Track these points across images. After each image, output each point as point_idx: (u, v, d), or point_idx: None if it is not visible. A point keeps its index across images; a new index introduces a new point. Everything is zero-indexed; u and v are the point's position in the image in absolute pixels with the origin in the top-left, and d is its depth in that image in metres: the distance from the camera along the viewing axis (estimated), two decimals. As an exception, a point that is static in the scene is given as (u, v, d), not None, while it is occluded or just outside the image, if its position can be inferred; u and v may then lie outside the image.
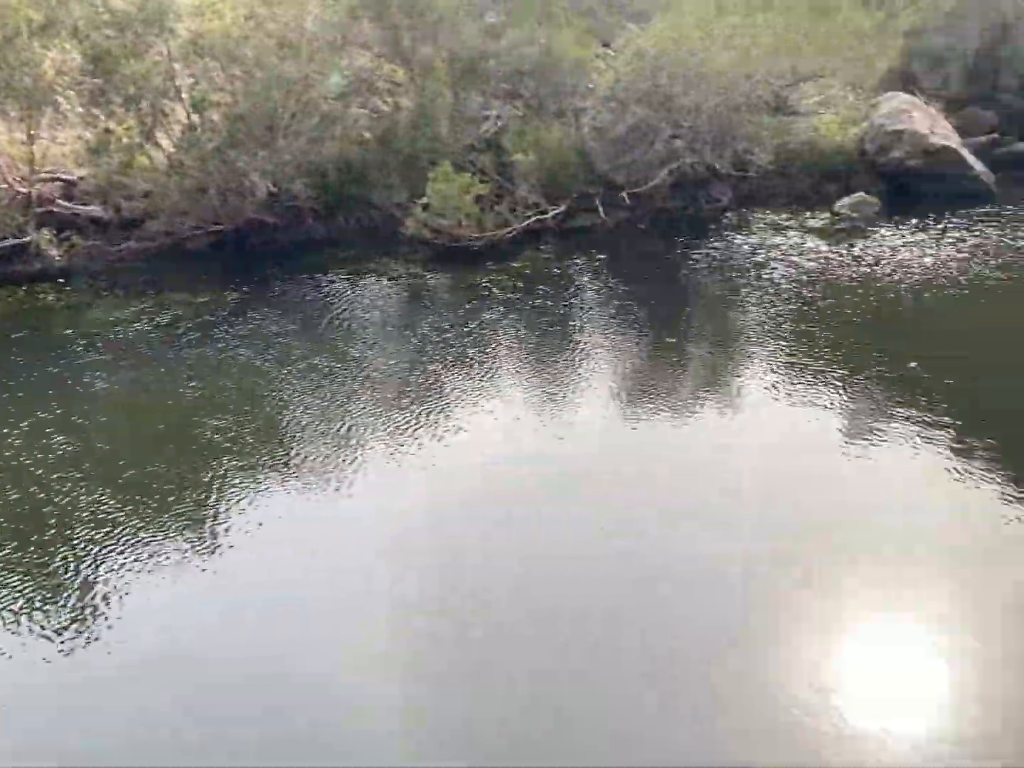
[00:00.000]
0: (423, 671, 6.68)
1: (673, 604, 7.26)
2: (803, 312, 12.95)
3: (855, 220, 16.85)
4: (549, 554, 7.91)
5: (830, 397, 10.43)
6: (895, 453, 9.24)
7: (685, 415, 10.29)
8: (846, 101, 19.69)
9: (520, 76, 19.07)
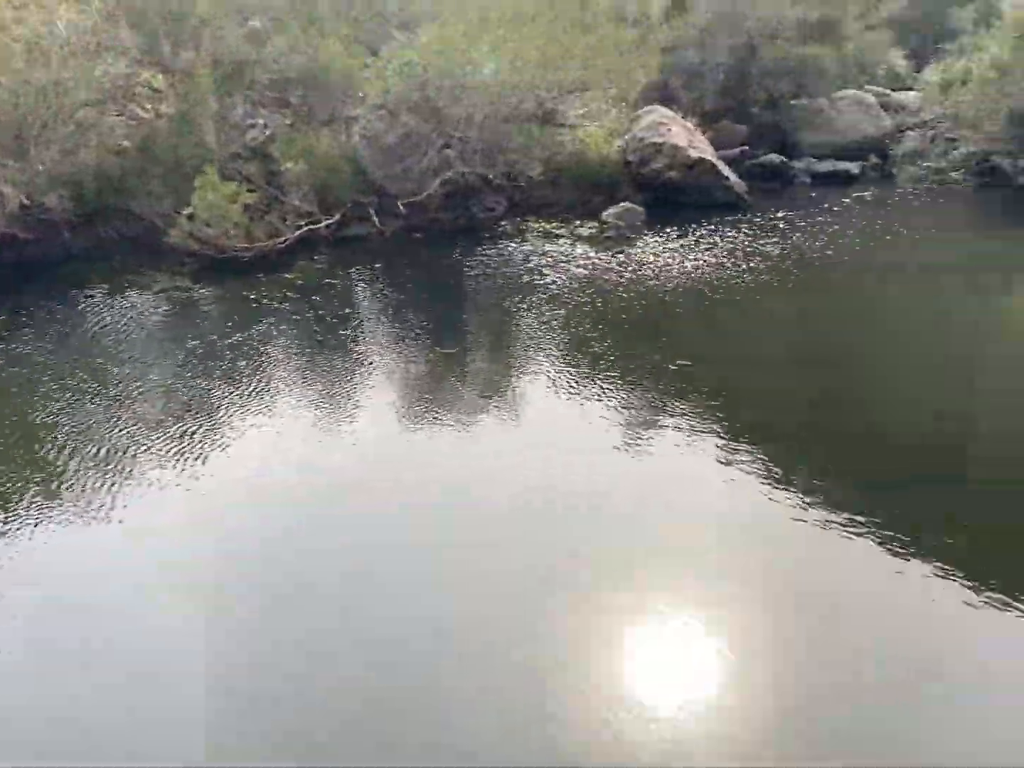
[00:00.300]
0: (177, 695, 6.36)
1: (443, 607, 7.22)
2: (576, 316, 13.28)
3: (622, 229, 17.45)
4: (314, 567, 7.71)
5: (605, 396, 10.71)
6: (669, 447, 9.59)
7: (464, 422, 10.31)
8: (609, 114, 20.41)
9: (288, 83, 18.74)
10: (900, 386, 10.98)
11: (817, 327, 12.95)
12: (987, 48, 20.91)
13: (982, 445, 9.49)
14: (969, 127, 19.98)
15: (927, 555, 7.69)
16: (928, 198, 19.49)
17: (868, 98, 22.68)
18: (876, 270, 15.33)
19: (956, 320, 13.12)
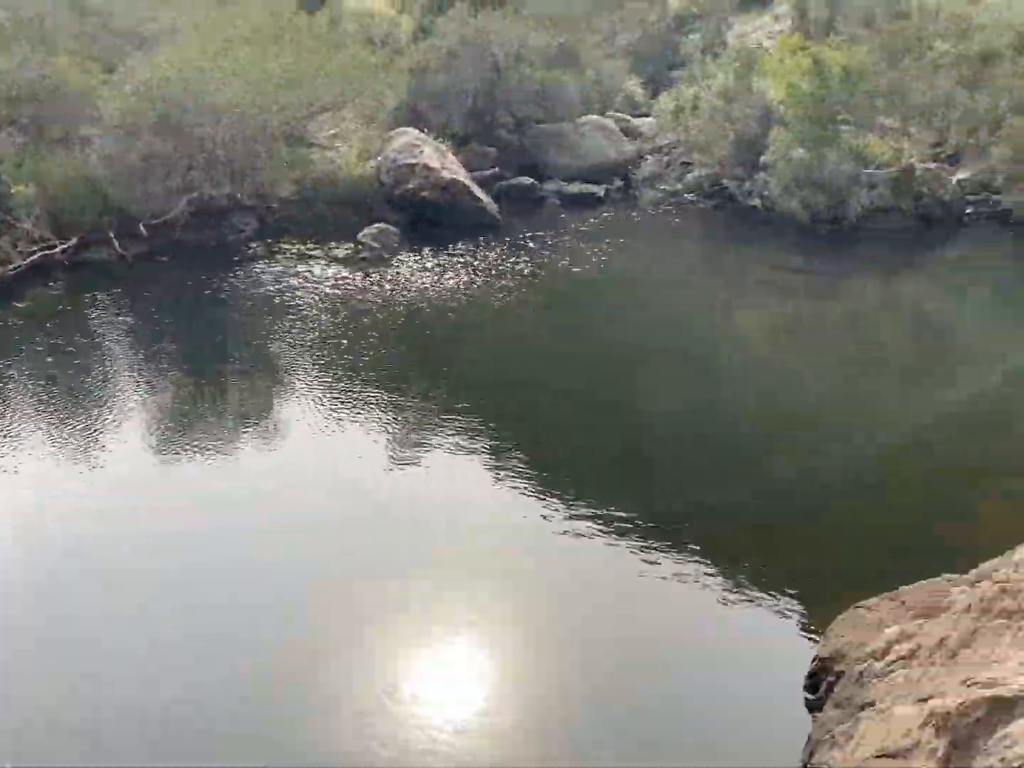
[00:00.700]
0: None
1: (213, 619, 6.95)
2: (331, 338, 13.13)
3: (377, 249, 17.39)
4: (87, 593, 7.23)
5: (367, 414, 10.64)
6: (437, 461, 9.65)
7: (217, 447, 9.97)
8: (360, 134, 20.35)
9: (17, 101, 17.59)
10: (651, 394, 11.50)
11: (568, 340, 13.37)
12: (714, 76, 22.34)
13: (722, 448, 10.08)
14: (700, 152, 21.26)
15: (680, 554, 8.09)
16: (667, 218, 20.59)
17: (609, 124, 23.72)
18: (623, 285, 16.03)
19: (698, 329, 13.91)
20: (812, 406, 11.09)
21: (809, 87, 18.74)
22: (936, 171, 19.12)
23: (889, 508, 8.64)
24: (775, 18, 29.60)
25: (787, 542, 8.34)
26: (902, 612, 6.34)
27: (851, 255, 17.26)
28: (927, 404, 10.87)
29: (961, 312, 15.03)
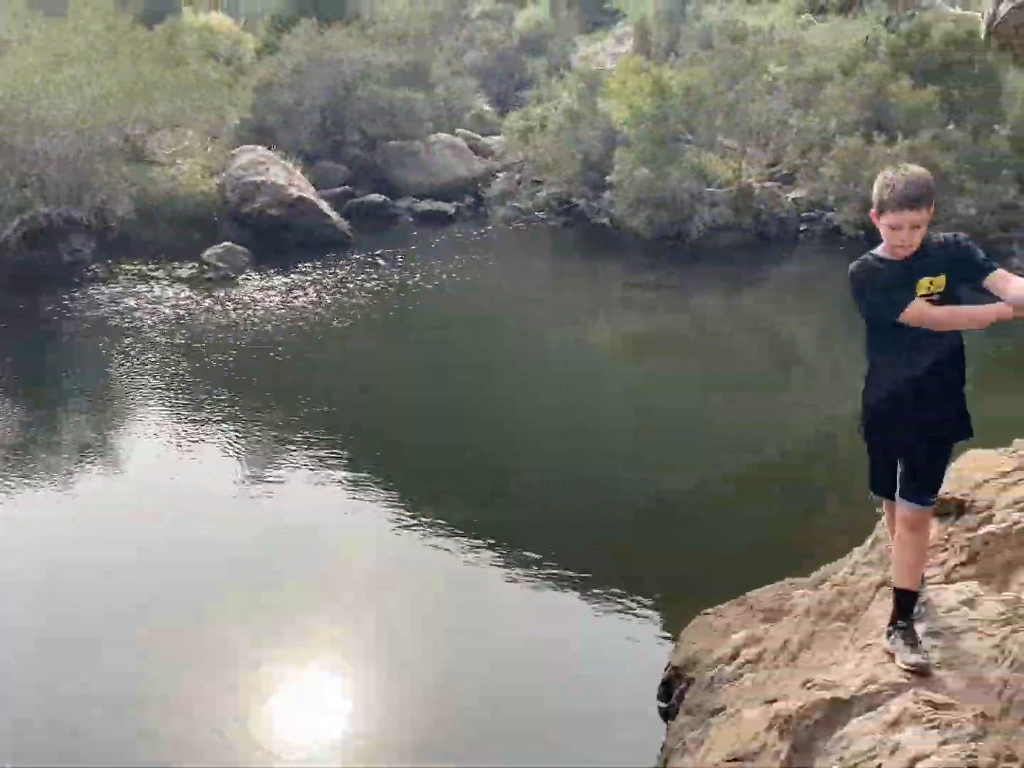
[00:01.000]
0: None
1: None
2: (171, 360, 12.71)
3: (224, 269, 16.96)
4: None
5: (209, 439, 10.32)
6: (286, 485, 9.42)
7: (45, 479, 9.48)
8: (204, 151, 19.85)
9: None
10: (504, 408, 11.55)
11: (421, 357, 13.30)
12: (560, 97, 22.74)
13: (575, 461, 10.18)
14: (549, 171, 21.56)
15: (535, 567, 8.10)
16: (518, 236, 20.80)
17: (459, 141, 23.84)
18: (475, 301, 16.09)
19: (550, 344, 14.04)
20: (663, 419, 11.32)
21: (651, 108, 19.23)
22: (773, 190, 19.91)
23: (738, 516, 8.87)
24: (618, 40, 30.38)
25: (641, 552, 8.45)
26: (750, 616, 6.49)
27: (696, 271, 17.76)
28: (771, 416, 11.24)
29: (799, 325, 15.64)
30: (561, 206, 21.50)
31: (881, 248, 3.93)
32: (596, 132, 20.69)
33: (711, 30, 25.12)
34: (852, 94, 18.59)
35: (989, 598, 4.28)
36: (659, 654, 6.81)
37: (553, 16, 33.76)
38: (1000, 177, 16.46)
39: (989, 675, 3.67)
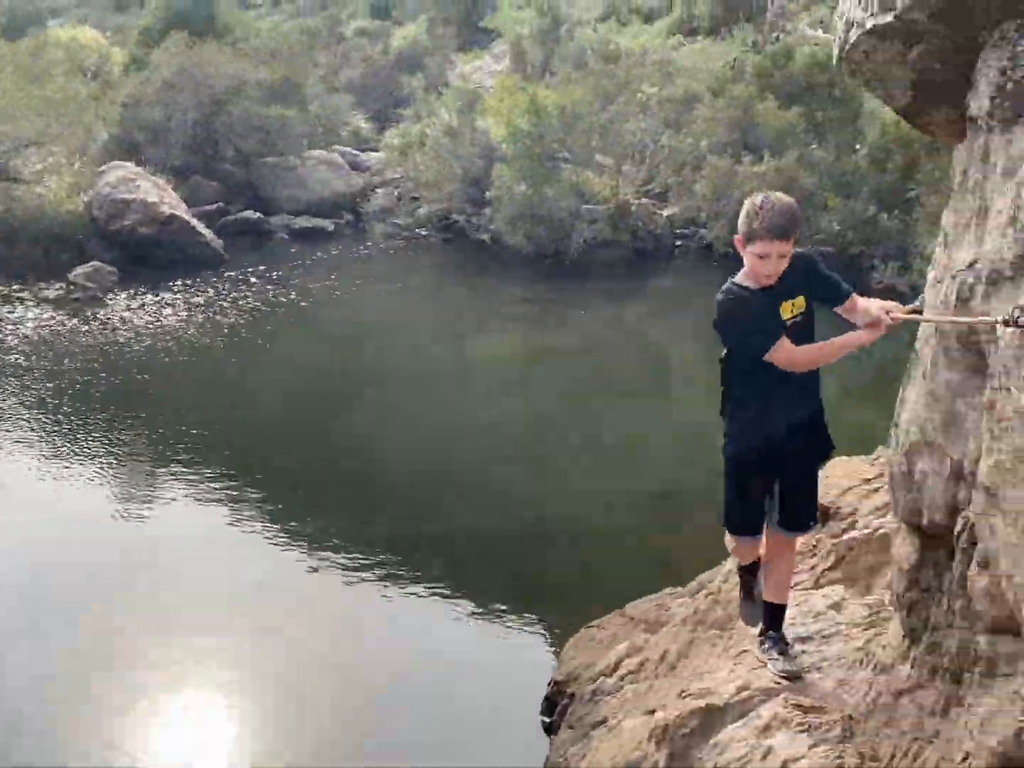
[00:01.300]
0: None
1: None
2: (43, 385, 12.23)
3: (92, 289, 16.42)
4: None
5: (89, 463, 9.97)
6: (171, 507, 9.15)
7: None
8: (71, 169, 19.19)
9: None
10: (384, 426, 11.43)
11: (296, 375, 13.10)
12: (439, 114, 22.76)
13: (456, 476, 10.15)
14: (429, 188, 21.54)
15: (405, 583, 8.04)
16: (399, 253, 20.69)
17: (337, 158, 23.62)
18: (354, 319, 15.93)
19: (430, 360, 13.99)
20: (543, 434, 11.38)
21: (528, 126, 19.42)
22: (648, 207, 20.30)
23: (620, 528, 8.96)
24: (495, 58, 30.62)
25: (524, 567, 8.47)
26: (631, 628, 6.56)
27: (575, 286, 17.96)
28: (649, 429, 11.41)
29: (676, 339, 15.95)
30: (441, 222, 21.50)
31: (744, 275, 3.80)
32: (475, 149, 20.78)
33: (585, 50, 25.52)
34: (721, 115, 19.10)
35: (854, 602, 4.41)
36: (543, 669, 6.83)
37: (430, 34, 33.84)
38: (861, 194, 17.13)
39: (855, 677, 3.78)
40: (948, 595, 3.21)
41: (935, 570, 3.39)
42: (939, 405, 3.20)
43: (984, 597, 2.91)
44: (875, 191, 16.85)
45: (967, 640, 3.04)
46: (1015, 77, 3.00)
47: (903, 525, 3.62)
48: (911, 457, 3.45)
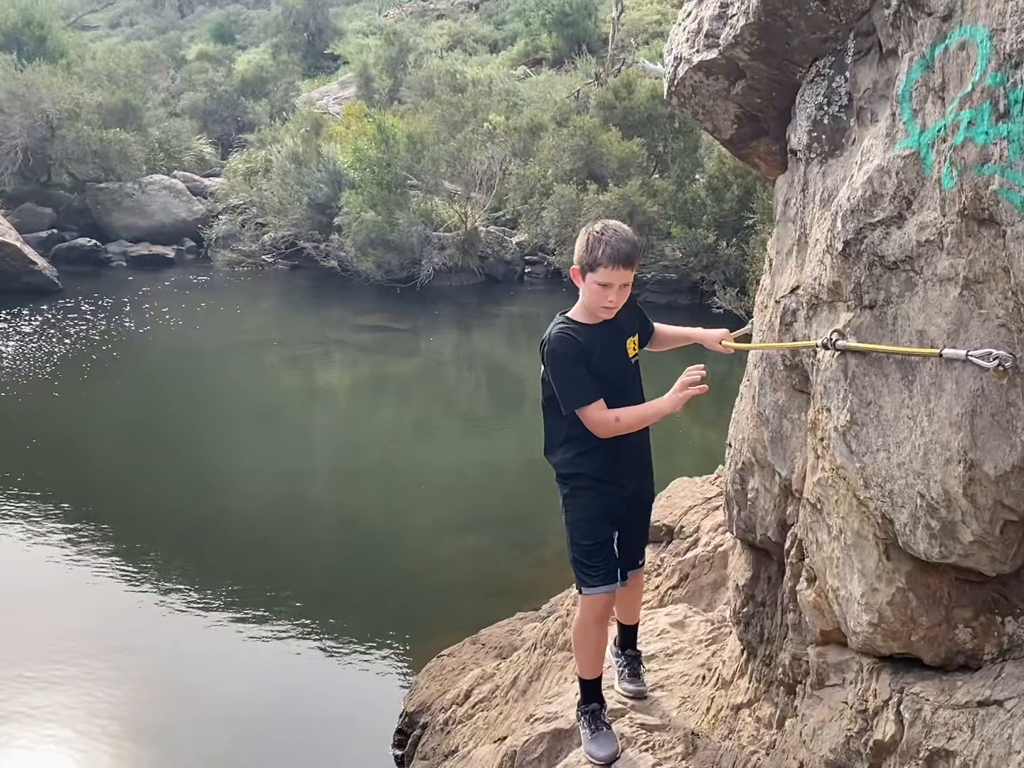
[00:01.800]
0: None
1: None
2: None
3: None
4: None
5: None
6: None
7: None
8: None
9: None
10: (220, 455, 11.13)
11: (128, 407, 12.64)
12: (284, 140, 22.47)
13: (290, 505, 9.96)
14: (275, 213, 21.21)
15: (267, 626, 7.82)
16: (244, 280, 20.28)
17: (178, 183, 23.04)
18: (194, 348, 15.49)
19: (276, 392, 13.72)
20: (392, 462, 11.29)
21: (376, 153, 19.38)
22: (497, 234, 20.52)
23: (472, 555, 8.94)
24: (341, 85, 30.47)
25: (376, 598, 8.35)
26: (483, 654, 6.55)
27: (425, 312, 17.97)
28: (498, 453, 11.48)
29: (524, 364, 16.11)
30: (288, 249, 21.20)
31: (579, 309, 3.52)
32: (322, 175, 20.58)
33: (432, 79, 25.67)
34: (566, 144, 19.49)
35: (697, 618, 4.51)
36: (395, 700, 6.74)
37: (275, 59, 33.44)
38: (701, 222, 17.73)
39: (698, 693, 3.86)
40: (781, 609, 3.32)
41: (769, 585, 3.50)
42: (767, 425, 3.32)
43: (812, 610, 3.02)
44: (715, 219, 17.45)
45: (799, 653, 3.15)
46: (831, 112, 3.16)
47: (738, 542, 3.73)
48: (743, 475, 3.57)
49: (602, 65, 24.80)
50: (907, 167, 2.67)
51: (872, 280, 2.75)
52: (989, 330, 2.50)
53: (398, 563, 8.86)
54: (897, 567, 2.71)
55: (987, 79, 2.50)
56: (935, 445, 2.57)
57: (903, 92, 2.75)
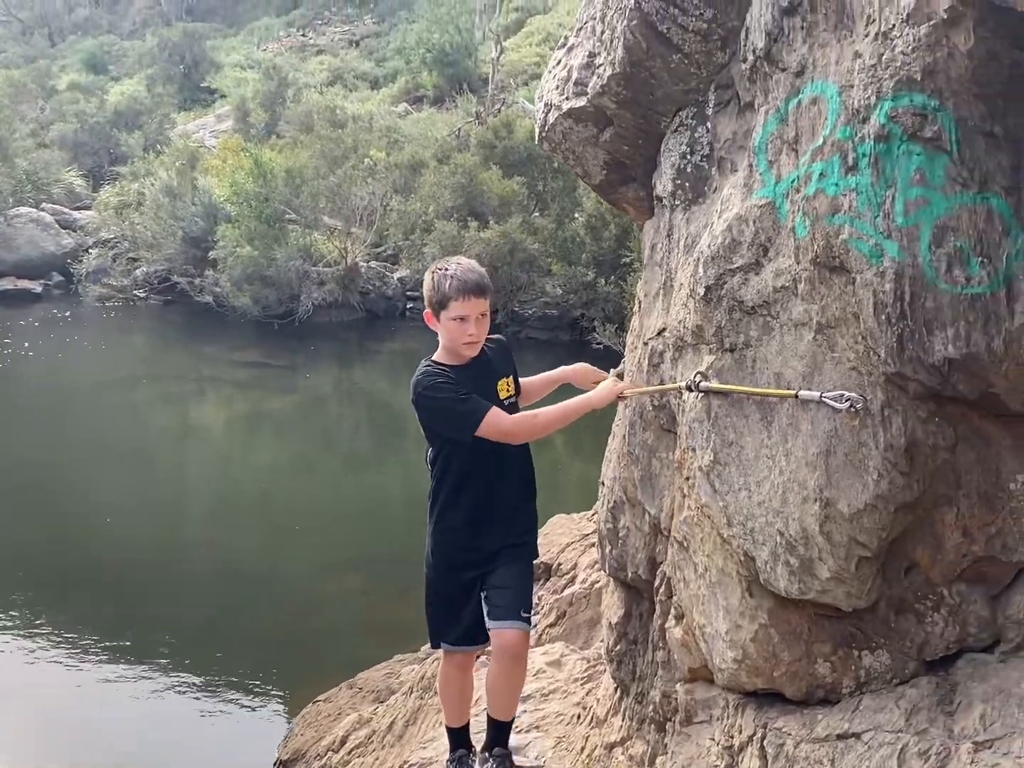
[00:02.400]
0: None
1: None
2: None
3: None
4: None
5: None
6: None
7: None
8: None
9: None
10: (87, 500, 10.75)
11: (1, 450, 12.11)
12: (158, 173, 22.00)
13: (168, 552, 9.66)
14: (148, 247, 20.71)
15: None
16: (115, 315, 19.71)
17: (46, 216, 22.31)
18: (62, 386, 14.94)
19: (146, 430, 13.33)
20: (267, 501, 11.08)
21: (253, 186, 19.14)
22: (379, 269, 20.45)
23: (351, 599, 8.81)
24: (218, 118, 30.04)
25: (250, 645, 8.15)
26: (360, 699, 6.44)
27: (303, 348, 17.75)
28: (375, 491, 11.38)
29: (404, 400, 16.03)
30: (161, 284, 20.71)
31: (442, 353, 3.35)
32: (197, 209, 20.21)
33: (312, 114, 25.51)
34: (447, 181, 19.59)
35: (574, 657, 4.54)
36: (270, 749, 6.57)
37: (149, 91, 32.77)
38: (581, 260, 18.02)
39: (573, 733, 3.87)
40: (652, 647, 3.37)
41: (641, 623, 3.54)
42: (637, 463, 3.37)
43: (680, 647, 3.07)
44: (594, 257, 17.75)
45: (669, 690, 3.19)
46: (694, 161, 3.25)
47: (611, 580, 3.77)
48: (615, 513, 3.61)
49: (483, 104, 25.07)
50: (763, 216, 2.77)
51: (732, 324, 2.84)
52: (841, 373, 2.61)
53: (275, 605, 8.66)
54: (759, 604, 2.78)
55: (837, 133, 2.61)
56: (793, 484, 2.65)
57: (759, 144, 2.86)
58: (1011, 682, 2.50)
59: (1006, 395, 2.54)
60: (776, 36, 2.83)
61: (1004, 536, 2.65)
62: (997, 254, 2.45)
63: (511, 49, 29.08)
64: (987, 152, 2.47)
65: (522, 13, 32.82)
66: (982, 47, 2.39)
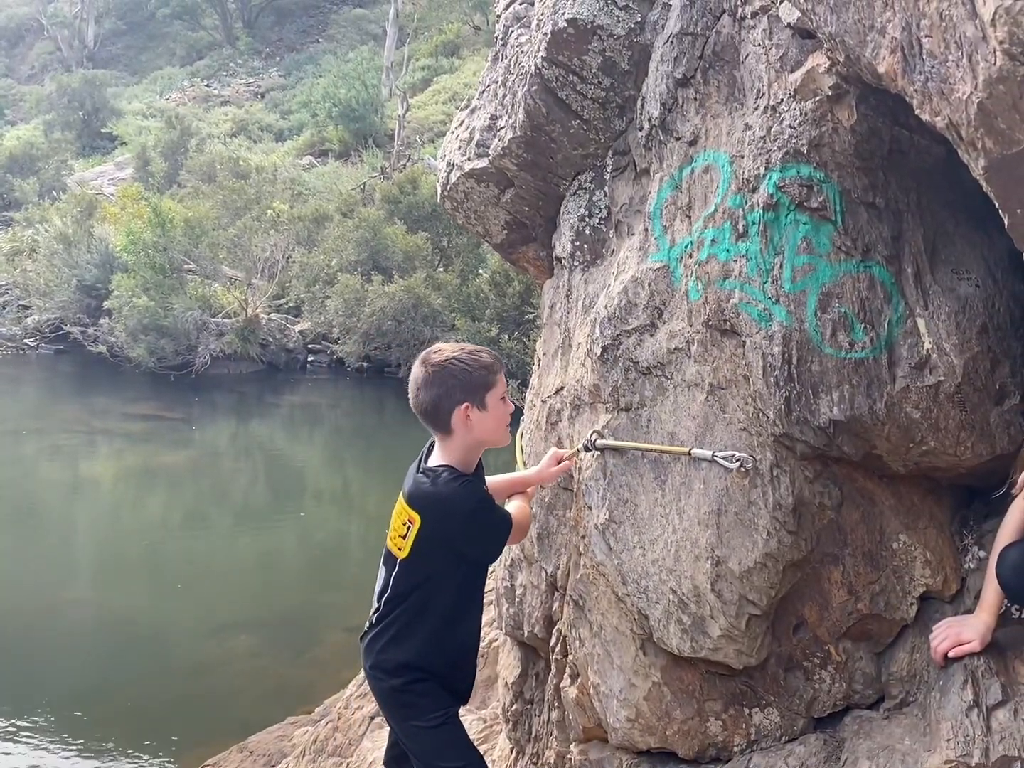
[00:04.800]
0: None
1: None
2: None
3: None
4: None
5: None
6: None
7: None
8: None
9: None
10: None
11: None
12: (53, 220, 21.49)
13: (48, 615, 9.29)
14: (40, 295, 20.14)
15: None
16: (3, 366, 19.06)
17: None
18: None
19: (41, 483, 12.86)
20: (157, 559, 10.74)
21: (151, 236, 18.83)
22: (280, 321, 20.23)
23: (244, 658, 8.58)
24: (118, 166, 29.55)
25: (138, 708, 7.83)
26: (251, 762, 6.24)
27: (202, 400, 17.40)
28: (272, 549, 11.14)
29: (305, 453, 15.82)
30: (53, 333, 20.12)
31: (458, 459, 2.72)
32: (93, 257, 19.76)
33: (214, 164, 25.28)
34: (351, 234, 19.57)
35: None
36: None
37: (46, 137, 32.07)
38: (485, 316, 18.13)
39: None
40: (547, 707, 3.35)
41: (537, 682, 3.53)
42: (534, 521, 3.38)
43: (575, 707, 3.07)
44: (498, 313, 17.88)
45: (563, 751, 3.17)
46: (592, 224, 3.33)
47: (508, 639, 3.75)
48: (512, 571, 3.61)
49: (388, 160, 25.21)
50: (658, 279, 2.84)
51: (628, 384, 2.88)
52: (732, 433, 2.67)
53: (164, 666, 8.36)
54: (653, 662, 2.79)
55: (728, 201, 2.70)
56: (685, 542, 2.69)
57: (654, 209, 2.94)
58: (895, 738, 2.55)
59: (888, 456, 2.63)
60: (671, 106, 2.93)
61: (887, 594, 2.73)
62: (879, 320, 2.55)
63: (417, 106, 29.37)
64: (869, 222, 2.59)
65: (429, 72, 33.20)
66: (864, 123, 2.52)
